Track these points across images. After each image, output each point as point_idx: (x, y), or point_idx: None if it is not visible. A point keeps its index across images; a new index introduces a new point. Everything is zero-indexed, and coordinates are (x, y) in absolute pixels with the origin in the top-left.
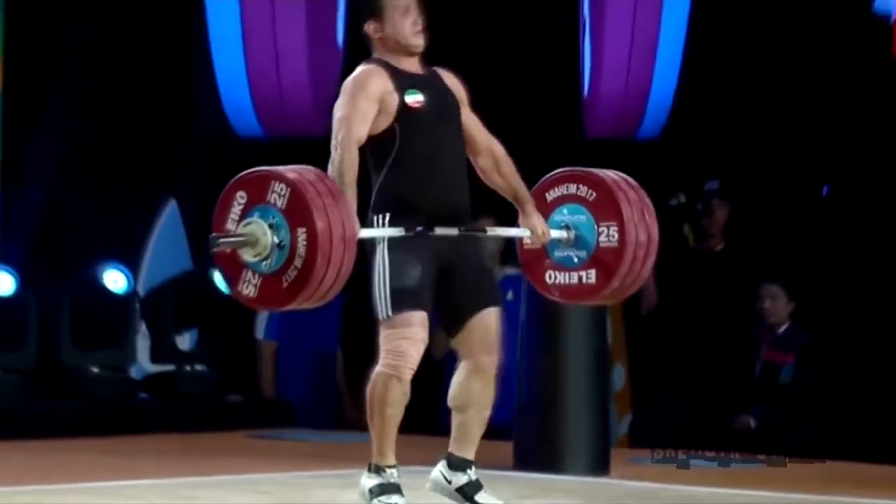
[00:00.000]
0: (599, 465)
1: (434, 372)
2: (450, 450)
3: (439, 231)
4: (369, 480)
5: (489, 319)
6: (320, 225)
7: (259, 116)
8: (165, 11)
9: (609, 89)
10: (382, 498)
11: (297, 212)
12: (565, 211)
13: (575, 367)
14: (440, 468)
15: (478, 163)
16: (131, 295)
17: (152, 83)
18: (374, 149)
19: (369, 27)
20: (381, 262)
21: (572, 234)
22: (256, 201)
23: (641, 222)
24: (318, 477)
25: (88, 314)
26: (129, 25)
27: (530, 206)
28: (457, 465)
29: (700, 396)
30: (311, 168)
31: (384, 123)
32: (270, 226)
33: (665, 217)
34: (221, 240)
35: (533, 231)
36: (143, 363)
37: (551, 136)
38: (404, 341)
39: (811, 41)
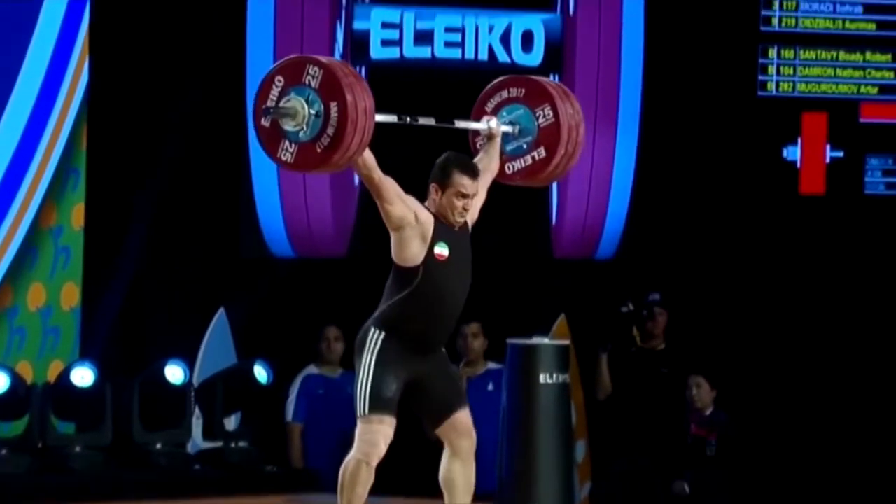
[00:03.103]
0: None
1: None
2: None
3: (422, 120)
4: None
5: (462, 416)
6: (349, 98)
7: (291, 241)
8: (216, 159)
9: (572, 218)
10: None
11: (330, 89)
12: (504, 113)
13: (545, 443)
14: None
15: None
16: (188, 385)
17: (205, 217)
18: (397, 276)
19: (433, 187)
20: (367, 367)
21: (516, 128)
22: (292, 83)
23: (567, 98)
24: None
25: (154, 400)
26: (187, 175)
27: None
28: None
29: (645, 466)
30: (334, 58)
31: (411, 260)
32: (307, 100)
33: (617, 321)
34: (272, 109)
35: (490, 128)
36: (198, 440)
37: (526, 255)
38: (377, 436)
39: (734, 181)
